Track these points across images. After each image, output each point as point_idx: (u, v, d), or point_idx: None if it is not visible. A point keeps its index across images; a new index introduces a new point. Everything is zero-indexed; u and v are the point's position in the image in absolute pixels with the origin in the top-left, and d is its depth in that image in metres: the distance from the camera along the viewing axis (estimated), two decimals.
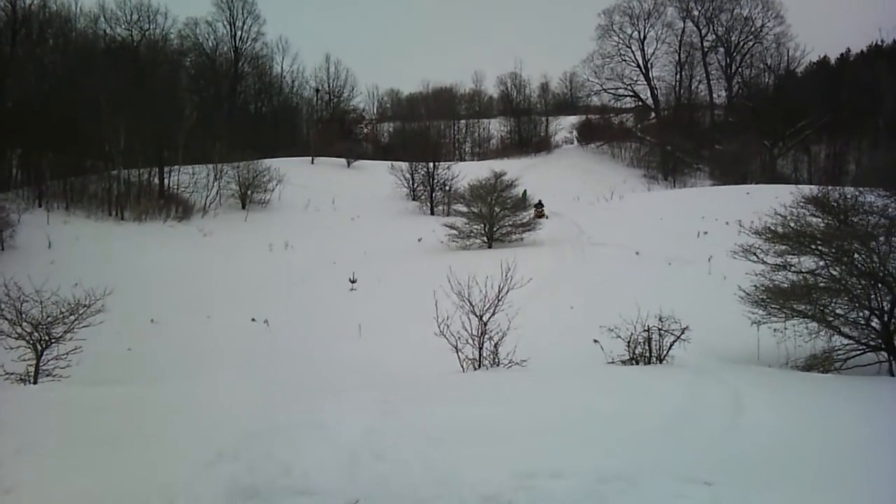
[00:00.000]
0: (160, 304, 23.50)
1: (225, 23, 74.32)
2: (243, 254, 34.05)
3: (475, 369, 11.55)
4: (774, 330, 13.12)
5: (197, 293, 26.23)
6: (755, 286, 13.52)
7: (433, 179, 51.01)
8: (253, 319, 21.11)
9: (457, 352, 11.58)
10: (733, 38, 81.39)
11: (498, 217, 35.63)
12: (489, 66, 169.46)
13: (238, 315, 21.63)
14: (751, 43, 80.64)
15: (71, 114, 41.18)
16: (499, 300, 12.18)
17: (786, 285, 13.25)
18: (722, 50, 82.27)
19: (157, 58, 61.97)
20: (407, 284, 24.46)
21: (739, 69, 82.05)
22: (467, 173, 47.43)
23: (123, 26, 64.98)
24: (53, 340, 13.71)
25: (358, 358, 16.06)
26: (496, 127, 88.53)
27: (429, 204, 50.23)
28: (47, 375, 13.37)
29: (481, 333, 11.87)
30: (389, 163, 56.35)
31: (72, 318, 14.03)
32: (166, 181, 45.75)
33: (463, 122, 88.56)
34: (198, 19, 73.30)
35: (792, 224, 14.15)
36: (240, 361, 16.79)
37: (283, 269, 30.75)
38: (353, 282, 26.28)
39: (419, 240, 36.63)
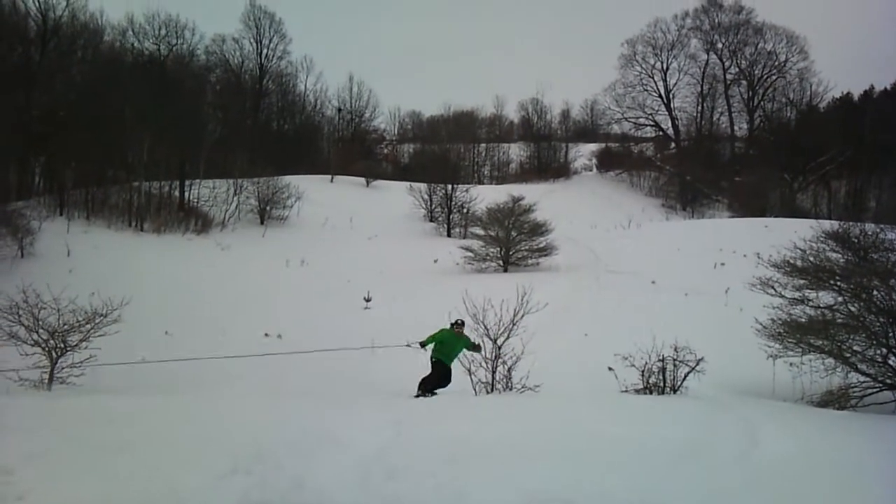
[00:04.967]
0: (176, 316, 23.60)
1: (251, 40, 75.17)
2: (260, 269, 34.17)
3: (487, 392, 11.53)
4: (790, 364, 13.01)
5: (213, 306, 26.33)
6: (772, 319, 13.44)
7: (451, 201, 51.11)
8: (266, 334, 21.16)
9: (470, 374, 11.57)
10: (756, 72, 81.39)
11: (514, 241, 35.66)
12: (510, 92, 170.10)
13: (252, 329, 21.71)
14: (774, 77, 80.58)
15: (96, 125, 41.61)
16: (513, 324, 12.17)
17: (803, 320, 13.16)
18: (744, 83, 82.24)
19: (184, 72, 62.64)
20: (422, 305, 24.44)
21: (762, 103, 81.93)
22: (485, 197, 47.53)
23: (151, 40, 65.79)
24: (69, 348, 13.82)
25: (371, 376, 16.05)
26: (516, 152, 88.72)
27: (446, 226, 50.30)
28: (61, 383, 13.45)
29: (495, 357, 11.87)
30: (408, 184, 56.51)
31: (88, 326, 14.15)
32: (187, 194, 46.07)
33: (483, 145, 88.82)
34: (225, 36, 74.13)
35: (811, 258, 14.08)
36: (253, 375, 16.83)
37: (299, 286, 30.83)
38: (367, 300, 26.33)
39: (435, 261, 36.67)
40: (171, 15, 66.12)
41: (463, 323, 13.15)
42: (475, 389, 11.57)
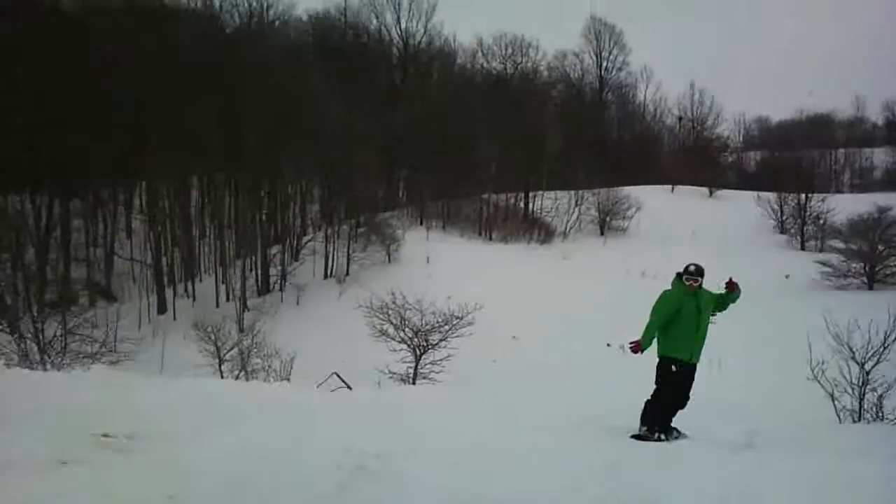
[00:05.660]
0: (521, 321, 24.68)
1: (591, 54, 76.38)
2: (600, 279, 34.46)
3: (854, 421, 10.47)
4: None
5: (555, 313, 27.12)
6: None
7: (805, 212, 47.36)
8: (608, 344, 21.28)
9: (833, 400, 10.59)
10: None
11: (882, 256, 32.06)
12: (873, 90, 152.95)
13: (593, 338, 21.97)
14: None
15: (450, 141, 45.19)
16: (884, 347, 10.93)
17: None
18: None
19: (528, 89, 65.48)
20: (771, 321, 22.94)
21: None
22: (844, 207, 43.24)
23: (498, 60, 69.76)
24: (430, 346, 15.17)
25: (712, 392, 15.40)
26: (881, 158, 79.47)
27: (799, 238, 46.68)
28: (423, 378, 14.78)
29: (863, 383, 10.74)
30: (755, 193, 53.42)
31: (446, 327, 15.43)
32: (530, 205, 48.12)
33: (841, 151, 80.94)
34: (566, 52, 76.17)
35: None
36: (595, 383, 17.06)
37: (640, 297, 30.36)
38: (712, 314, 25.36)
39: (787, 276, 34.18)
40: (516, 35, 69.49)
41: (699, 271, 7.59)
42: (839, 417, 10.56)
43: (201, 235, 42.34)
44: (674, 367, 7.40)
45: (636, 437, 7.43)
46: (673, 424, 7.53)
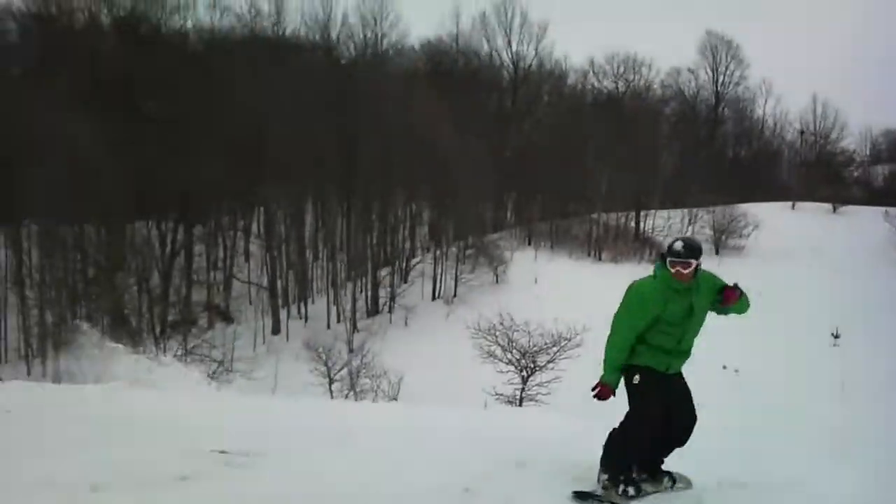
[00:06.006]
0: None
1: (707, 69, 74.10)
2: None
3: None
4: None
5: None
6: None
7: None
8: (724, 367, 20.61)
9: None
10: None
11: None
12: None
13: (707, 360, 21.23)
14: None
15: (559, 162, 44.96)
16: None
17: None
18: None
19: (640, 107, 64.34)
20: None
21: None
22: None
23: (610, 79, 68.77)
24: (538, 368, 15.06)
25: (838, 420, 14.64)
26: None
27: None
28: (530, 400, 14.67)
29: None
30: (883, 209, 50.61)
31: (554, 349, 15.30)
32: (641, 224, 47.17)
33: None
34: (680, 68, 74.21)
35: None
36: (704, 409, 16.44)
37: (757, 319, 29.35)
38: (836, 336, 24.13)
39: None
40: (629, 53, 68.39)
41: (692, 249, 4.34)
42: None
43: (314, 258, 43.59)
44: (636, 378, 4.48)
45: (581, 494, 4.52)
46: (666, 468, 4.66)
